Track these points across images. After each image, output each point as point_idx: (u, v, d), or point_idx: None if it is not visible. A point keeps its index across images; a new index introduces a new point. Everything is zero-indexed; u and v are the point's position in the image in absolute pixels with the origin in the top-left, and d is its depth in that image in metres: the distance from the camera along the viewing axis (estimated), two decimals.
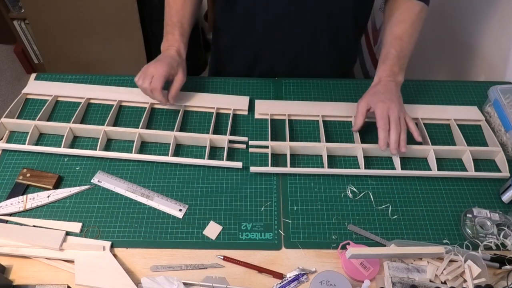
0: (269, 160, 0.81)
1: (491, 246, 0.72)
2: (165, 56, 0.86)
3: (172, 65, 0.84)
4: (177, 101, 0.88)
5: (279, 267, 0.69)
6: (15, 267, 0.68)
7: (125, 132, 0.83)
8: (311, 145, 0.83)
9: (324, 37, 0.95)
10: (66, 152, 0.81)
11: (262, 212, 0.76)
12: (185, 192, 0.78)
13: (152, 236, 0.72)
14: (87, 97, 0.90)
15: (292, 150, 0.83)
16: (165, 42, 0.89)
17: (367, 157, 0.83)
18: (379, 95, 0.81)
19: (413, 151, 0.83)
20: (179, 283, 0.64)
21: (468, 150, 0.83)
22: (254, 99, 0.93)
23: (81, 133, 0.85)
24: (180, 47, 0.88)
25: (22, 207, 0.74)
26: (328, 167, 0.81)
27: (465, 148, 0.84)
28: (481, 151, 0.84)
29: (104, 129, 0.82)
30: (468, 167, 0.83)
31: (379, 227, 0.74)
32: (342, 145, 0.83)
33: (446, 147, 0.84)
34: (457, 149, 0.84)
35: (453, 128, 0.89)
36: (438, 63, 1.39)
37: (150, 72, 0.82)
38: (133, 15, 1.73)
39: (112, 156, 0.81)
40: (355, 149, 0.83)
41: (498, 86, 0.90)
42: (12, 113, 0.87)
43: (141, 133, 0.83)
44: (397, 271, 0.67)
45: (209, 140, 0.82)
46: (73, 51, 1.89)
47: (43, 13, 1.73)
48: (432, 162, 0.81)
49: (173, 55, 0.86)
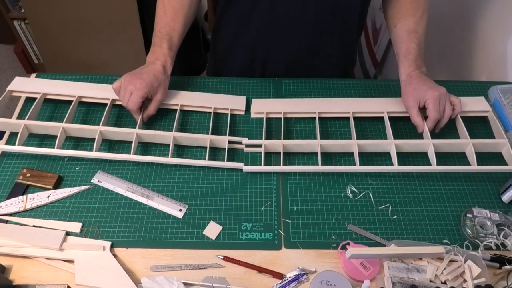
0: (262, 159, 0.80)
1: (491, 246, 0.72)
2: (148, 71, 0.83)
3: (153, 84, 0.81)
4: (174, 100, 0.88)
5: (279, 267, 0.69)
6: (15, 267, 0.67)
7: (122, 132, 0.82)
8: (306, 142, 0.82)
9: (325, 37, 0.95)
10: (60, 153, 0.79)
11: (262, 212, 0.76)
12: (185, 192, 0.78)
13: (152, 236, 0.72)
14: (78, 95, 0.87)
15: (286, 148, 0.82)
16: (152, 54, 0.86)
17: (363, 154, 0.83)
18: (422, 87, 0.81)
19: (411, 146, 0.81)
20: (179, 283, 0.64)
21: (471, 143, 0.79)
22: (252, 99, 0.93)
23: (75, 133, 0.82)
24: (166, 61, 0.85)
25: (22, 207, 0.74)
26: (325, 165, 0.80)
27: (468, 141, 0.80)
28: (485, 143, 0.80)
29: (100, 129, 0.80)
30: (471, 161, 0.79)
31: (379, 227, 0.74)
32: (337, 141, 0.82)
33: (446, 141, 0.81)
34: (459, 142, 0.81)
35: (457, 121, 0.86)
36: (438, 63, 1.39)
37: (129, 89, 0.80)
38: (133, 15, 1.73)
39: (109, 157, 0.80)
40: (350, 146, 0.82)
41: (498, 86, 0.90)
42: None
43: (139, 133, 0.81)
44: (397, 271, 0.67)
45: (209, 140, 0.82)
46: (73, 51, 1.89)
47: (43, 13, 1.73)
48: (432, 157, 0.79)
49: (157, 70, 0.83)
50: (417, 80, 0.83)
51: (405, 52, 0.86)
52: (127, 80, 0.81)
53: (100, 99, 0.88)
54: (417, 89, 0.82)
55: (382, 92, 0.97)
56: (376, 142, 0.82)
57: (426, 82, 0.83)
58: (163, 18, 0.87)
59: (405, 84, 0.85)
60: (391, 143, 0.81)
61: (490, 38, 1.12)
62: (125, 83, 0.81)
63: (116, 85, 0.82)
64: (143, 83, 0.80)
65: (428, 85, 0.82)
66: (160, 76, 0.83)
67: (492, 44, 1.11)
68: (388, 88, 0.98)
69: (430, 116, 0.80)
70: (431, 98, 0.79)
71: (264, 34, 0.94)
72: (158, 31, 0.87)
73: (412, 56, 0.86)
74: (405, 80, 0.85)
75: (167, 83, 0.86)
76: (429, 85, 0.82)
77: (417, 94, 0.82)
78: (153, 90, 0.82)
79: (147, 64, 0.85)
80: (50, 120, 0.87)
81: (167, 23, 0.87)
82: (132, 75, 0.82)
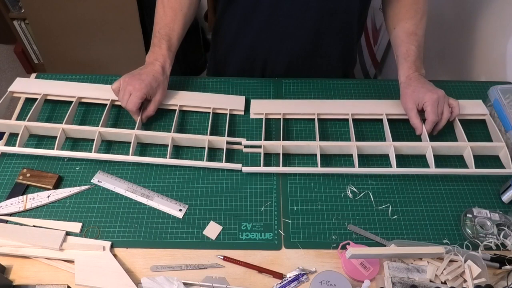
0: (261, 160, 0.80)
1: (491, 246, 0.72)
2: (148, 71, 0.83)
3: (152, 85, 0.81)
4: (173, 101, 0.88)
5: (279, 267, 0.69)
6: (15, 267, 0.67)
7: (121, 133, 0.82)
8: (305, 143, 0.82)
9: (326, 37, 0.94)
10: (59, 154, 0.79)
11: (262, 212, 0.76)
12: (185, 192, 0.78)
13: (152, 236, 0.72)
14: (78, 96, 0.87)
15: (286, 149, 0.83)
16: (151, 54, 0.86)
17: (363, 155, 0.83)
18: (420, 89, 0.82)
19: (410, 148, 0.82)
20: (179, 283, 0.64)
21: (468, 146, 0.81)
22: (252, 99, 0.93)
23: (75, 134, 0.83)
24: (165, 62, 0.85)
25: (22, 207, 0.74)
26: (324, 166, 0.81)
27: (466, 144, 0.81)
28: (483, 146, 0.82)
29: (99, 130, 0.81)
30: (469, 164, 0.81)
31: (379, 227, 0.74)
32: (336, 143, 0.83)
33: (445, 143, 0.82)
34: (457, 145, 0.82)
35: (455, 124, 0.87)
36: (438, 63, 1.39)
37: (128, 90, 0.80)
38: (133, 15, 1.73)
39: (108, 158, 0.80)
40: (349, 148, 0.82)
41: (498, 86, 0.90)
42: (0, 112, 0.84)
43: (138, 134, 0.82)
44: (397, 271, 0.67)
45: (208, 141, 0.82)
46: (73, 51, 1.89)
47: (43, 13, 1.73)
48: (430, 160, 0.80)
49: (157, 71, 0.83)
50: (416, 82, 0.84)
51: (404, 54, 0.86)
52: (126, 81, 0.81)
53: (100, 99, 0.88)
54: (416, 91, 0.82)
55: (382, 92, 0.97)
56: (375, 144, 0.82)
57: (425, 85, 0.83)
58: (163, 18, 0.87)
59: (404, 86, 0.85)
60: (390, 145, 0.81)
61: (490, 38, 1.12)
62: (124, 84, 0.81)
63: (115, 86, 0.82)
64: (142, 84, 0.80)
65: (427, 88, 0.82)
66: (159, 76, 0.83)
67: (492, 44, 1.11)
68: (388, 88, 0.98)
69: (428, 119, 0.81)
70: (430, 100, 0.80)
71: (264, 33, 0.94)
72: (158, 32, 0.87)
73: (411, 58, 0.86)
74: (404, 82, 0.86)
75: (166, 83, 0.86)
76: (428, 88, 0.82)
77: (415, 96, 0.82)
78: (152, 91, 0.82)
79: (146, 64, 0.85)
80: (49, 119, 0.87)
81: (166, 24, 0.87)
82: (131, 76, 0.82)
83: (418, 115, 0.83)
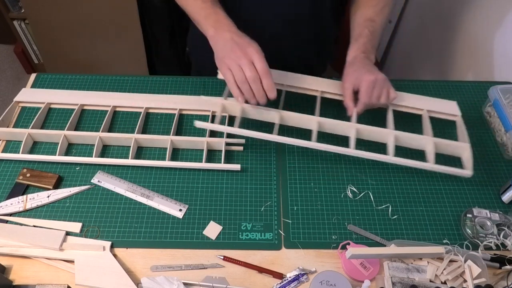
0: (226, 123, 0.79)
1: (491, 246, 0.72)
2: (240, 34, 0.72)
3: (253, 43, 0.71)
4: (172, 104, 0.88)
5: (279, 267, 0.69)
6: (15, 267, 0.68)
7: (120, 138, 0.83)
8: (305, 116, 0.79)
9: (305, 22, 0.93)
10: (62, 160, 0.80)
11: (262, 212, 0.76)
12: (185, 192, 0.78)
13: (152, 236, 0.72)
14: (80, 103, 0.89)
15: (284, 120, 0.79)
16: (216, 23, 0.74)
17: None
18: (361, 70, 0.79)
19: (371, 133, 0.79)
20: (179, 283, 0.64)
21: (432, 141, 0.78)
22: None
23: (76, 140, 0.84)
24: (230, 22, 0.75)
25: (22, 207, 0.74)
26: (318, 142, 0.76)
27: (430, 138, 0.78)
28: (446, 144, 0.78)
29: (100, 136, 0.82)
30: (429, 159, 0.77)
31: (379, 227, 0.74)
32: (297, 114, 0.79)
33: (409, 134, 0.78)
34: (420, 137, 0.79)
35: (424, 119, 0.84)
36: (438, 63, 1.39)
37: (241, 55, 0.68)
38: (133, 15, 1.73)
39: (108, 162, 0.80)
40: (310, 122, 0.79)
41: (498, 86, 0.90)
42: (5, 121, 0.86)
43: (137, 138, 0.82)
44: (397, 271, 0.67)
45: (206, 143, 0.82)
46: (73, 51, 1.89)
47: (43, 13, 1.73)
48: (391, 147, 0.77)
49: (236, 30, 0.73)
50: (360, 63, 0.81)
51: (356, 35, 0.84)
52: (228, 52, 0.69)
53: (102, 106, 0.90)
54: (356, 71, 0.79)
55: None
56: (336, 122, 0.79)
57: (367, 66, 0.80)
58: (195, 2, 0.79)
59: (347, 65, 0.83)
60: (352, 127, 0.79)
61: (490, 38, 1.12)
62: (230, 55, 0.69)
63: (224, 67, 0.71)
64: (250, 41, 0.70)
65: (367, 69, 0.79)
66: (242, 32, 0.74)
67: (492, 44, 1.11)
68: None
69: (360, 99, 0.78)
70: (366, 81, 0.77)
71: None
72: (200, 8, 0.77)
73: (362, 40, 0.83)
74: (349, 61, 0.83)
75: None
76: (368, 69, 0.79)
77: (355, 76, 0.79)
78: None
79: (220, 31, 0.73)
80: (48, 124, 0.88)
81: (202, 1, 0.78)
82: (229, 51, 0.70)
83: (352, 95, 0.80)
